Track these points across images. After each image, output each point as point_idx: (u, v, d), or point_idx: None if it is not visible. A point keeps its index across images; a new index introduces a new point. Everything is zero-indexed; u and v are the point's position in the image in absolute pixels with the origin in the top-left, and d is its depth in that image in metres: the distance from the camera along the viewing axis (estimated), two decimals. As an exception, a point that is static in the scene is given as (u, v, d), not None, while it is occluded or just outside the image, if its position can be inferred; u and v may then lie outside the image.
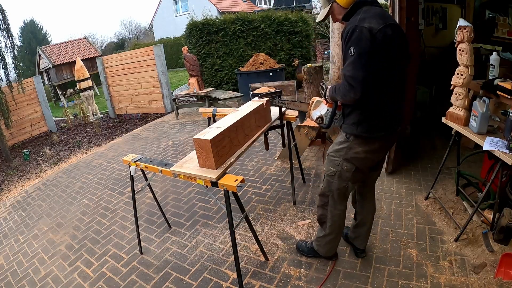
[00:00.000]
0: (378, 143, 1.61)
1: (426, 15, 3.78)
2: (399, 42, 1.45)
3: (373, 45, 1.36)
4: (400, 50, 1.48)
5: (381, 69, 1.43)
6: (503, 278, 1.72)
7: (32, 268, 2.51)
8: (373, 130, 1.56)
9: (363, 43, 1.36)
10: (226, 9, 17.94)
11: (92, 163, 4.71)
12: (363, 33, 1.37)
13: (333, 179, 1.73)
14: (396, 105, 1.59)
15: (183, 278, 2.10)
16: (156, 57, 6.65)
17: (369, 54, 1.36)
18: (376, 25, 1.37)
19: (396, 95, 1.56)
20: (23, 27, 24.02)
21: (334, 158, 1.71)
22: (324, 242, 1.94)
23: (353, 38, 1.39)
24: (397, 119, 1.62)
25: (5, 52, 5.85)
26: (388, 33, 1.39)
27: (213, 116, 2.81)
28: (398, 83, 1.55)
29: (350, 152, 1.64)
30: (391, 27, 1.41)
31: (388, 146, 1.73)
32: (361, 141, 1.60)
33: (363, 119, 1.55)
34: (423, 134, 3.62)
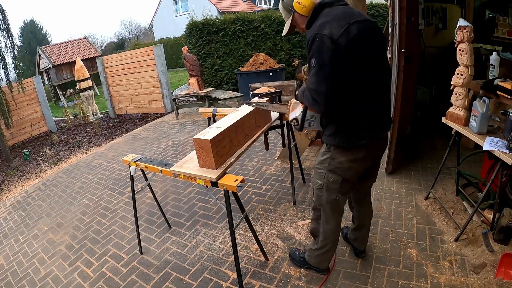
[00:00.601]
0: (361, 152, 1.49)
1: (426, 15, 3.78)
2: (370, 39, 1.34)
3: (336, 53, 1.25)
4: (375, 47, 1.37)
5: (352, 74, 1.32)
6: (503, 278, 1.72)
7: (32, 268, 2.51)
8: (352, 139, 1.45)
9: (324, 53, 1.26)
10: (226, 9, 17.94)
11: (92, 163, 4.71)
12: (323, 42, 1.26)
13: (322, 192, 1.64)
14: (379, 109, 1.47)
15: (183, 278, 2.10)
16: (156, 57, 6.65)
17: (331, 64, 1.26)
18: (337, 29, 1.26)
19: (377, 97, 1.45)
20: (23, 27, 24.02)
21: (320, 170, 1.62)
22: (315, 254, 1.87)
23: (314, 48, 1.30)
24: (382, 123, 1.50)
25: (5, 52, 5.86)
26: (353, 34, 1.27)
27: (213, 116, 2.81)
28: (378, 84, 1.43)
29: (333, 163, 1.54)
30: (357, 25, 1.29)
31: (374, 154, 1.58)
32: (343, 151, 1.51)
33: (340, 129, 1.45)
34: (423, 134, 3.62)
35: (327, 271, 1.94)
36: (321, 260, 1.88)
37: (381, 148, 1.61)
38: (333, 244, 1.81)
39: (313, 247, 1.87)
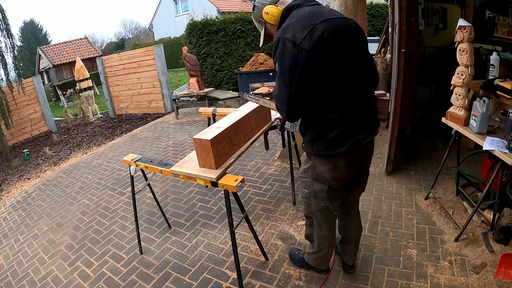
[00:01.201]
0: (342, 160, 1.40)
1: (426, 15, 3.78)
2: (342, 39, 1.23)
3: (299, 58, 1.18)
4: (349, 47, 1.26)
5: (322, 79, 1.24)
6: (503, 278, 1.72)
7: (32, 268, 2.51)
8: (330, 147, 1.36)
9: (285, 58, 1.21)
10: (226, 9, 17.93)
11: (92, 163, 4.71)
12: (285, 46, 1.21)
13: (310, 201, 1.60)
14: (359, 114, 1.36)
15: (183, 278, 2.10)
16: (156, 57, 6.65)
17: (293, 69, 1.20)
18: (301, 32, 1.19)
19: (357, 102, 1.34)
20: (23, 27, 24.01)
21: (304, 179, 1.58)
22: (313, 257, 1.86)
23: (277, 53, 1.25)
24: (363, 129, 1.39)
25: (5, 52, 5.85)
26: (317, 35, 1.17)
27: (213, 116, 2.81)
28: (357, 87, 1.33)
29: (316, 171, 1.49)
30: (324, 25, 1.19)
31: (357, 162, 1.48)
32: (322, 160, 1.43)
33: (317, 136, 1.37)
34: (423, 134, 3.62)
35: (327, 271, 1.93)
36: (320, 262, 1.87)
37: (365, 155, 1.53)
38: (330, 247, 1.78)
39: (310, 251, 1.86)
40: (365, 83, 1.38)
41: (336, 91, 1.29)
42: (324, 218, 1.64)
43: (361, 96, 1.37)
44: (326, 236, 1.71)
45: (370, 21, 8.96)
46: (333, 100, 1.30)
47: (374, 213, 2.45)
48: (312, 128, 1.39)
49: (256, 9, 1.45)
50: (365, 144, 1.42)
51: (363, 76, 1.36)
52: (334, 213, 1.66)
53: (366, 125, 1.41)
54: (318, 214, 1.63)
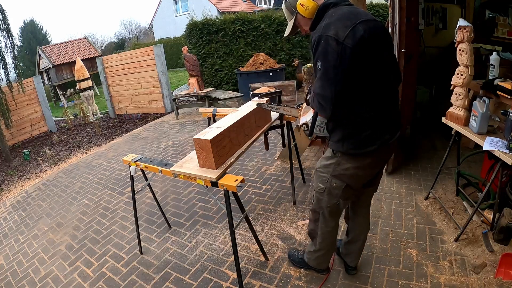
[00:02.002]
0: (369, 159, 1.43)
1: (426, 15, 3.78)
2: (377, 40, 1.27)
3: (343, 55, 1.20)
4: (383, 48, 1.30)
5: (360, 77, 1.26)
6: (503, 278, 1.72)
7: (32, 268, 2.51)
8: (361, 145, 1.38)
9: (329, 56, 1.21)
10: (226, 9, 17.93)
11: (92, 163, 4.71)
12: (329, 44, 1.21)
13: (323, 196, 1.60)
14: (387, 113, 1.40)
15: (183, 278, 2.10)
16: (156, 57, 6.65)
17: (337, 67, 1.21)
18: (343, 31, 1.20)
19: (386, 101, 1.39)
20: (23, 27, 24.02)
21: (323, 174, 1.57)
22: (314, 256, 1.85)
23: (319, 51, 1.25)
24: (391, 128, 1.44)
25: (5, 52, 5.86)
26: (360, 34, 1.20)
27: (213, 116, 2.81)
28: (387, 87, 1.37)
29: (338, 169, 1.49)
30: (363, 25, 1.22)
31: (382, 160, 1.53)
32: (350, 157, 1.44)
33: (348, 135, 1.38)
34: (423, 134, 3.62)
35: (327, 271, 1.93)
36: (320, 261, 1.86)
37: (388, 155, 1.56)
38: (332, 245, 1.79)
39: (312, 249, 1.85)
40: (393, 83, 1.43)
41: (372, 90, 1.31)
42: (331, 214, 1.65)
43: (390, 96, 1.42)
44: (330, 233, 1.72)
45: (370, 21, 8.95)
46: (370, 100, 1.32)
47: (374, 213, 2.45)
48: (343, 127, 1.39)
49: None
50: (391, 145, 1.46)
51: (392, 76, 1.40)
52: (342, 211, 1.68)
53: (392, 126, 1.45)
54: (327, 210, 1.63)
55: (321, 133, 1.55)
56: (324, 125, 1.52)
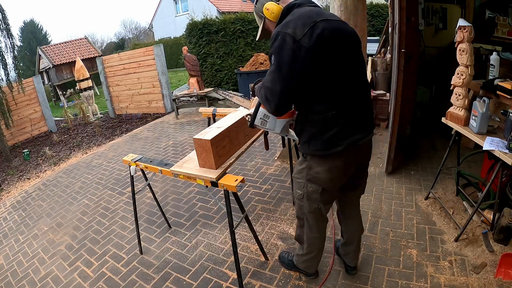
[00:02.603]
0: (338, 160, 1.40)
1: (426, 15, 3.78)
2: (339, 39, 1.26)
3: (297, 54, 1.20)
4: (345, 48, 1.29)
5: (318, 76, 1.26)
6: (503, 278, 1.72)
7: (32, 268, 2.51)
8: (326, 146, 1.36)
9: (284, 52, 1.22)
10: (226, 9, 17.92)
11: (92, 163, 4.71)
12: (285, 40, 1.22)
13: (303, 202, 1.59)
14: (355, 113, 1.37)
15: (183, 278, 2.10)
16: (156, 57, 6.65)
17: (290, 64, 1.22)
18: (301, 29, 1.21)
19: (352, 101, 1.36)
20: (23, 27, 24.01)
21: (299, 179, 1.57)
22: (302, 260, 1.85)
23: (275, 46, 1.25)
24: (360, 128, 1.40)
25: (5, 52, 5.85)
26: (317, 33, 1.20)
27: (213, 116, 2.81)
28: (353, 87, 1.35)
29: (311, 172, 1.48)
30: (323, 24, 1.22)
31: (355, 162, 1.48)
32: (319, 160, 1.43)
33: (313, 135, 1.38)
34: (423, 134, 3.62)
35: (315, 274, 1.92)
36: (308, 265, 1.85)
37: (363, 156, 1.53)
38: (319, 250, 1.78)
39: (300, 252, 1.85)
40: (360, 84, 1.40)
41: (333, 89, 1.30)
42: (315, 220, 1.63)
43: (357, 96, 1.39)
44: (316, 239, 1.71)
45: (370, 21, 8.95)
46: (330, 99, 1.32)
47: (374, 213, 2.45)
48: (309, 127, 1.39)
49: (258, 4, 1.47)
50: (362, 145, 1.43)
51: (358, 77, 1.39)
52: (325, 216, 1.66)
53: (363, 126, 1.42)
54: (310, 216, 1.61)
55: (263, 127, 1.56)
56: (267, 119, 1.53)
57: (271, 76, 1.29)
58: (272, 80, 1.28)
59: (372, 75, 4.65)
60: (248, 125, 1.58)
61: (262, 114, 1.55)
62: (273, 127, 1.58)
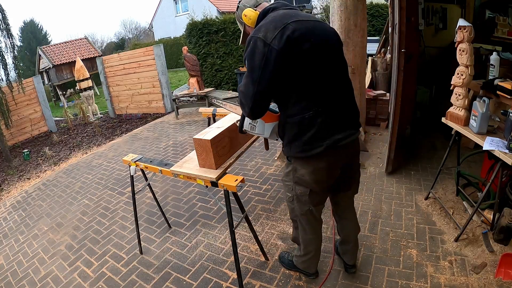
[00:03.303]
0: (321, 161, 1.39)
1: (426, 15, 3.78)
2: (312, 38, 1.26)
3: (268, 57, 1.22)
4: (319, 46, 1.28)
5: (292, 77, 1.26)
6: (503, 278, 1.72)
7: (32, 268, 2.51)
8: (307, 147, 1.35)
9: (255, 56, 1.25)
10: (226, 9, 17.92)
11: (92, 163, 4.71)
12: (256, 45, 1.25)
13: (293, 204, 1.60)
14: (336, 113, 1.36)
15: (183, 278, 2.10)
16: (156, 57, 6.65)
17: (262, 68, 1.23)
18: (272, 32, 1.23)
19: (333, 101, 1.35)
20: (23, 27, 24.00)
21: (287, 182, 1.58)
22: (301, 260, 1.86)
23: (248, 51, 1.29)
24: (343, 128, 1.38)
25: (5, 52, 5.85)
26: (287, 34, 1.21)
27: (213, 116, 2.81)
28: (332, 84, 1.34)
29: (297, 175, 1.49)
30: (294, 25, 1.23)
31: (338, 163, 1.46)
32: (302, 162, 1.43)
33: (294, 137, 1.37)
34: (423, 134, 3.62)
35: (316, 274, 1.91)
36: (307, 265, 1.85)
37: (347, 156, 1.50)
38: (316, 251, 1.78)
39: (298, 253, 1.86)
40: (340, 83, 1.40)
41: (309, 90, 1.31)
42: (308, 222, 1.63)
43: (337, 96, 1.38)
44: (311, 240, 1.71)
45: (370, 21, 8.95)
46: (307, 99, 1.32)
47: (374, 213, 2.45)
48: (288, 129, 1.40)
49: (239, 10, 1.49)
50: (347, 146, 1.41)
51: (337, 76, 1.38)
52: (319, 217, 1.66)
53: (345, 125, 1.40)
54: (302, 218, 1.62)
55: (253, 132, 1.58)
56: (255, 123, 1.54)
57: (244, 81, 1.32)
58: (246, 84, 1.31)
59: (372, 75, 4.65)
60: (238, 130, 1.61)
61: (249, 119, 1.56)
62: (262, 132, 1.58)
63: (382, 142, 3.60)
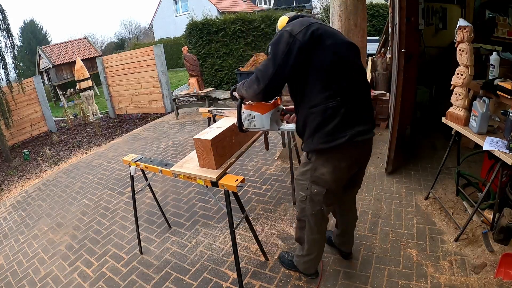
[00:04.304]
0: (343, 156, 1.43)
1: (426, 15, 3.78)
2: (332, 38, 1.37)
3: (292, 47, 1.31)
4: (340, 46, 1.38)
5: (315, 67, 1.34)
6: (503, 278, 1.72)
7: (32, 268, 2.51)
8: (331, 137, 1.37)
9: (280, 44, 1.34)
10: (226, 9, 17.93)
11: (92, 163, 4.71)
12: (283, 36, 1.35)
13: (305, 204, 1.60)
14: (357, 104, 1.41)
15: (183, 278, 2.10)
16: (156, 57, 6.65)
17: (285, 53, 1.32)
18: (298, 27, 1.34)
19: (354, 93, 1.40)
20: (23, 27, 24.00)
21: (302, 181, 1.58)
22: (302, 261, 1.85)
23: (273, 40, 1.39)
24: (362, 120, 1.42)
25: (5, 52, 5.86)
26: (311, 30, 1.33)
27: (213, 116, 2.81)
28: (353, 81, 1.40)
29: (315, 174, 1.49)
30: (318, 25, 1.36)
31: (357, 160, 1.51)
32: (324, 160, 1.44)
33: (317, 128, 1.39)
34: (423, 134, 3.62)
35: (315, 275, 1.91)
36: (308, 266, 1.85)
37: (363, 154, 1.54)
38: (319, 251, 1.79)
39: (300, 253, 1.85)
40: (360, 82, 1.45)
41: (333, 81, 1.36)
42: (316, 222, 1.64)
43: (358, 92, 1.43)
44: (316, 240, 1.72)
45: (370, 21, 8.96)
46: (331, 90, 1.36)
47: (374, 213, 2.45)
48: (311, 120, 1.41)
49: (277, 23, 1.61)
50: (365, 142, 1.46)
51: (358, 76, 1.44)
52: (327, 216, 1.68)
53: (364, 120, 1.45)
54: (312, 218, 1.63)
55: (253, 128, 1.58)
56: (253, 118, 1.56)
57: (265, 62, 1.39)
58: (266, 65, 1.37)
59: (372, 75, 4.65)
60: (238, 130, 1.62)
61: (247, 115, 1.58)
62: (261, 125, 1.58)
63: (382, 142, 3.60)
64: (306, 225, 1.68)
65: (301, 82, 1.39)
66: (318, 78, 1.35)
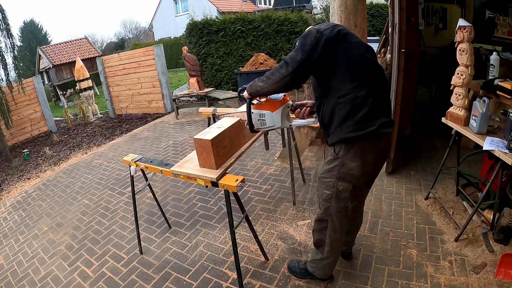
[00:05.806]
0: (371, 148, 1.45)
1: (426, 15, 3.78)
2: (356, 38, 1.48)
3: (319, 40, 1.38)
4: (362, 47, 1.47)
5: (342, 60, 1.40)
6: (503, 278, 1.72)
7: (32, 268, 2.51)
8: (360, 126, 1.39)
9: (308, 38, 1.41)
10: (226, 9, 17.93)
11: (92, 163, 4.71)
12: (311, 31, 1.43)
13: (330, 202, 1.58)
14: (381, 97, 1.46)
15: (183, 278, 2.10)
16: (156, 57, 6.65)
17: (313, 45, 1.38)
18: (325, 26, 1.43)
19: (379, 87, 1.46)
20: (23, 27, 24.02)
21: (327, 179, 1.56)
22: (321, 265, 1.80)
23: (302, 36, 1.45)
24: (386, 113, 1.50)
25: (5, 52, 5.86)
26: (337, 29, 1.42)
27: (213, 116, 2.81)
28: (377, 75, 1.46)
29: (343, 170, 1.49)
30: (341, 27, 1.47)
31: (382, 151, 1.54)
32: (353, 154, 1.45)
33: (345, 116, 1.41)
34: (423, 134, 3.62)
35: (332, 278, 1.89)
36: (327, 269, 1.82)
37: (386, 149, 1.57)
38: (338, 252, 1.80)
39: (318, 257, 1.78)
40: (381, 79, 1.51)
41: (361, 72, 1.41)
42: (340, 220, 1.62)
43: (381, 86, 1.49)
44: (338, 240, 1.70)
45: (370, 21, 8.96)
46: (359, 81, 1.40)
47: (374, 213, 2.45)
48: (339, 110, 1.42)
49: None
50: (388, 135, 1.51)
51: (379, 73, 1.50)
52: (349, 215, 1.66)
53: (387, 113, 1.51)
54: (336, 216, 1.61)
55: (264, 127, 1.58)
56: (263, 117, 1.56)
57: (293, 52, 1.43)
58: (295, 52, 1.42)
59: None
60: (250, 131, 1.62)
61: (257, 114, 1.57)
62: (273, 123, 1.57)
63: (382, 142, 3.60)
64: (329, 224, 1.65)
65: (328, 74, 1.43)
66: (345, 70, 1.41)
